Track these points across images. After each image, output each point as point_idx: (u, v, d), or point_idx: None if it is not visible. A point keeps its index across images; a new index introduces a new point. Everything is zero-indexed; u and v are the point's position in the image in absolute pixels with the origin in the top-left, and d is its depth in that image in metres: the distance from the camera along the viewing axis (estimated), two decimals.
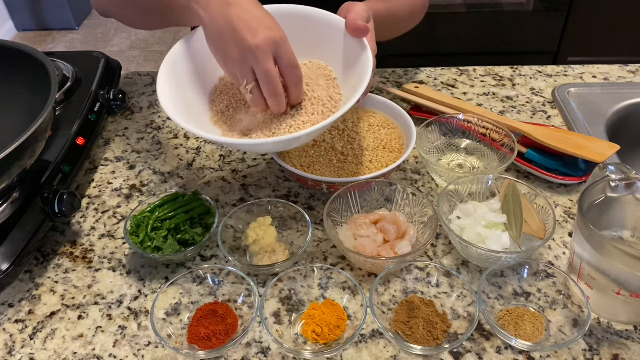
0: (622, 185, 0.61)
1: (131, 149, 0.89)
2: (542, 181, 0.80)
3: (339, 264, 0.70)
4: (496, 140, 0.81)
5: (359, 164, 0.76)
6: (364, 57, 0.68)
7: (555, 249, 0.70)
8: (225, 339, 0.59)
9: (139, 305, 0.66)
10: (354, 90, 0.66)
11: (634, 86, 0.99)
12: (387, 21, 0.82)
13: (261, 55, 0.61)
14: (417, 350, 0.58)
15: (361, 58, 0.68)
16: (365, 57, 0.68)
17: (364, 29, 0.68)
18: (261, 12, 0.64)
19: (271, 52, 0.62)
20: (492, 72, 1.04)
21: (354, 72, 0.70)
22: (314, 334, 0.59)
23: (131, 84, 1.04)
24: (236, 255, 0.69)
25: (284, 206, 0.72)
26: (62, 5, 3.18)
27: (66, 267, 0.71)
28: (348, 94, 0.70)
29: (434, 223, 0.67)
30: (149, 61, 3.00)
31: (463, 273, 0.68)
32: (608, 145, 0.78)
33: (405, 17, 0.90)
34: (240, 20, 0.62)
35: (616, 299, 0.59)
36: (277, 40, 0.62)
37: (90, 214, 0.78)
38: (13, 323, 0.65)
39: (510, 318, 0.61)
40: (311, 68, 0.74)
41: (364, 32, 0.68)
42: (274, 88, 0.64)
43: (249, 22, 0.62)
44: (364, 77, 0.65)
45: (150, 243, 0.67)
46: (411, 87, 0.94)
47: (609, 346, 0.60)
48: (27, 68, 0.72)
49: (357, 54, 0.69)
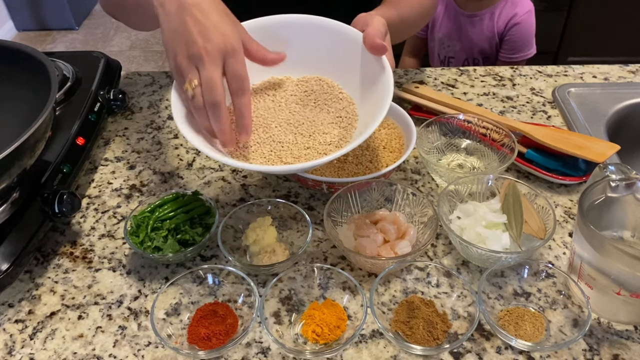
0: (622, 185, 0.61)
1: (131, 149, 0.89)
2: (542, 181, 0.80)
3: (339, 264, 0.70)
4: (496, 140, 0.81)
5: (359, 164, 0.76)
6: (385, 78, 0.65)
7: (555, 249, 0.70)
8: (225, 339, 0.59)
9: (139, 305, 0.66)
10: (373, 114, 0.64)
11: (634, 86, 0.99)
12: (398, 28, 0.80)
13: (209, 60, 0.59)
14: (417, 350, 0.58)
15: (381, 79, 0.66)
16: (385, 78, 0.65)
17: (382, 48, 0.66)
18: (219, 16, 0.62)
19: (220, 58, 0.60)
20: (492, 72, 1.04)
21: (371, 93, 0.67)
22: (314, 334, 0.59)
23: (131, 84, 1.04)
24: (236, 255, 0.69)
25: (284, 206, 0.72)
26: (62, 5, 3.18)
27: (66, 267, 0.71)
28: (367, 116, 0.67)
29: (434, 223, 0.67)
30: (149, 61, 3.00)
31: (463, 273, 0.68)
32: (608, 145, 0.78)
33: (415, 20, 0.89)
34: (196, 23, 0.60)
35: (616, 299, 0.59)
36: (229, 49, 0.60)
37: (90, 214, 0.78)
38: (13, 323, 0.65)
39: (510, 318, 0.61)
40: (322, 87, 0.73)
41: (382, 51, 0.66)
42: (214, 96, 0.59)
43: (204, 25, 0.60)
44: (385, 101, 0.63)
45: (150, 243, 0.67)
46: (411, 87, 0.94)
47: (609, 346, 0.60)
48: (27, 68, 0.72)
49: (375, 73, 0.67)
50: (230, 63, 0.61)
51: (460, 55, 1.48)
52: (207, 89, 0.60)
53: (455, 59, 1.49)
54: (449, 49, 1.48)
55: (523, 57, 1.46)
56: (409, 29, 0.90)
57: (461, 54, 1.47)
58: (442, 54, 1.50)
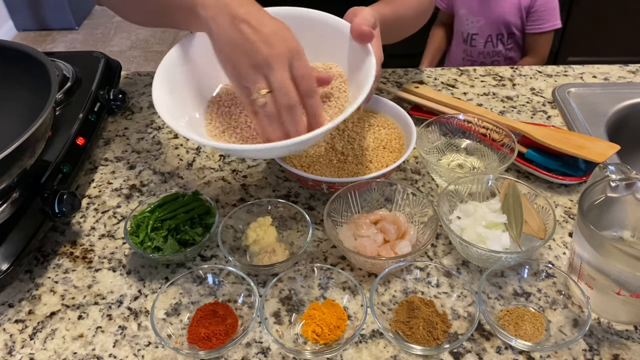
0: (622, 185, 0.61)
1: (131, 149, 0.89)
2: (542, 181, 0.80)
3: (339, 264, 0.70)
4: (496, 140, 0.81)
5: (359, 164, 0.76)
6: (367, 62, 0.66)
7: (555, 249, 0.70)
8: (225, 339, 0.59)
9: (139, 305, 0.66)
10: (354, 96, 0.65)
11: (634, 86, 0.99)
12: (394, 25, 0.81)
13: (277, 64, 0.59)
14: (417, 350, 0.58)
15: (364, 63, 0.67)
16: (368, 62, 0.66)
17: (369, 35, 0.66)
18: (274, 22, 0.62)
19: (287, 62, 0.60)
20: (492, 72, 1.04)
21: (356, 78, 0.69)
22: (314, 334, 0.59)
23: (131, 84, 1.04)
24: (236, 255, 0.69)
25: (284, 206, 0.72)
26: (62, 5, 3.19)
27: (66, 267, 0.71)
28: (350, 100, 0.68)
29: (434, 223, 0.67)
30: (149, 61, 3.01)
31: (463, 273, 0.68)
32: (608, 145, 0.78)
33: (411, 19, 0.89)
34: (254, 31, 0.60)
35: (616, 299, 0.59)
36: (294, 52, 0.60)
37: (90, 214, 0.78)
38: (13, 323, 0.65)
39: (510, 318, 0.61)
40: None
41: (368, 38, 0.67)
42: (289, 98, 0.60)
43: (263, 33, 0.60)
44: (366, 83, 0.64)
45: (150, 243, 0.67)
46: (411, 87, 0.94)
47: (609, 346, 0.60)
48: (27, 68, 0.72)
49: (360, 60, 0.68)
50: (297, 66, 0.61)
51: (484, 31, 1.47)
52: (282, 93, 0.60)
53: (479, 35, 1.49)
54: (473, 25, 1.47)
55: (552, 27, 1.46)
56: (404, 27, 0.90)
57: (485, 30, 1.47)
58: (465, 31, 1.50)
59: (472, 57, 1.59)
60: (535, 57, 1.58)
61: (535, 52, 1.57)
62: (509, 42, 1.54)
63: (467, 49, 1.58)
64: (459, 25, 1.54)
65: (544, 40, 1.54)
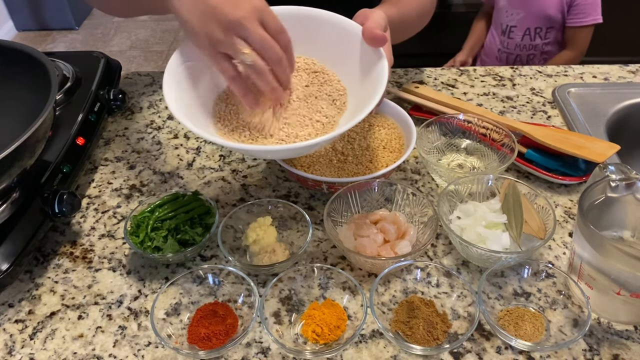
0: (622, 185, 0.61)
1: (131, 149, 0.89)
2: (542, 181, 0.80)
3: (339, 264, 0.70)
4: (496, 140, 0.81)
5: (359, 164, 0.76)
6: (379, 66, 0.66)
7: (555, 249, 0.70)
8: (225, 339, 0.59)
9: (139, 305, 0.66)
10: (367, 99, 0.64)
11: (634, 86, 0.99)
12: (399, 26, 0.80)
13: (249, 23, 0.59)
14: (417, 350, 0.58)
15: (376, 67, 0.66)
16: (380, 66, 0.65)
17: (382, 39, 0.66)
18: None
19: (258, 19, 0.60)
20: (492, 72, 1.04)
21: (368, 82, 0.67)
22: (314, 334, 0.59)
23: (131, 84, 1.04)
24: (236, 255, 0.69)
25: (284, 206, 0.72)
26: (62, 5, 3.19)
27: (66, 267, 0.71)
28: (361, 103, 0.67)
29: (434, 223, 0.67)
30: (149, 61, 3.01)
31: (463, 273, 0.68)
32: (608, 145, 0.78)
33: (414, 20, 0.89)
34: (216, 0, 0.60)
35: (616, 299, 0.59)
36: (260, 7, 0.60)
37: (90, 214, 0.78)
38: (13, 323, 0.65)
39: (510, 318, 0.61)
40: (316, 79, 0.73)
41: (381, 42, 0.66)
42: (275, 52, 0.60)
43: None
44: (379, 87, 0.63)
45: (150, 243, 0.67)
46: (411, 87, 0.94)
47: (609, 346, 0.60)
48: (27, 68, 0.72)
49: (372, 63, 0.67)
50: (268, 20, 0.61)
51: (523, 24, 1.47)
52: (265, 48, 0.60)
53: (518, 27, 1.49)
54: (512, 17, 1.47)
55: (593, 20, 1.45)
56: (408, 29, 0.90)
57: (525, 22, 1.47)
58: (504, 22, 1.50)
59: (508, 50, 1.58)
60: (574, 51, 1.57)
61: (574, 46, 1.56)
62: (547, 36, 1.53)
63: (504, 40, 1.58)
64: (498, 16, 1.54)
65: (585, 34, 1.53)
